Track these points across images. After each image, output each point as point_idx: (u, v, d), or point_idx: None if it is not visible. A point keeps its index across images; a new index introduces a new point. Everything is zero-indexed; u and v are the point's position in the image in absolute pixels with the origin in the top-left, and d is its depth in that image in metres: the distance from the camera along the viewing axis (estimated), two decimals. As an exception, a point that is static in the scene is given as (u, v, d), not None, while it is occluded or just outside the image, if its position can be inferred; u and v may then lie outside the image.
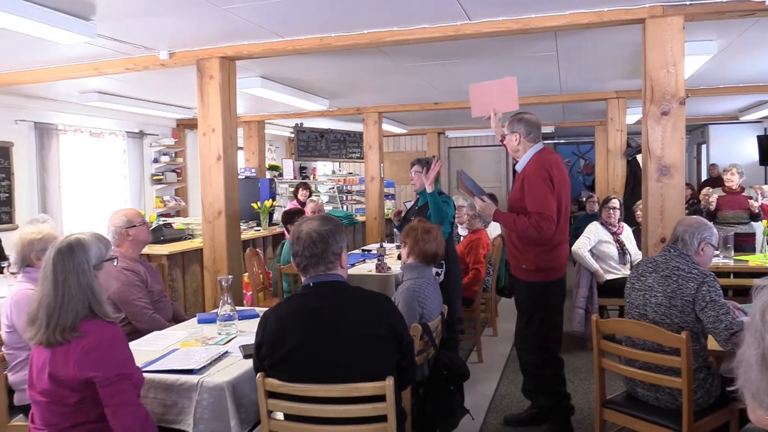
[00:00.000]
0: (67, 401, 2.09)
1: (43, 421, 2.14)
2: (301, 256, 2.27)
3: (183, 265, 6.45)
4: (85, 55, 4.96)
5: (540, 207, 3.37)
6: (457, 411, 2.98)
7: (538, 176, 3.42)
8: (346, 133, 10.53)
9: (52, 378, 2.07)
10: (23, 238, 3.12)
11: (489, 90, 3.93)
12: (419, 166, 4.59)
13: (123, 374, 2.10)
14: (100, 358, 2.07)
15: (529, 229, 3.38)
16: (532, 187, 3.43)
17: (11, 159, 7.05)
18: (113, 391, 2.08)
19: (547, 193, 3.39)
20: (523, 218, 3.41)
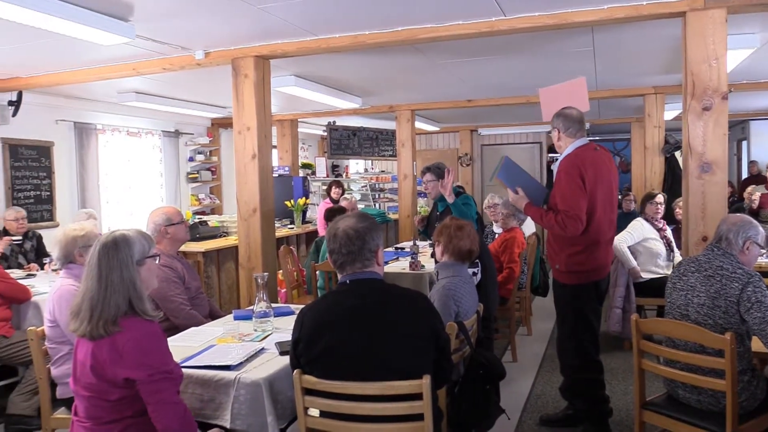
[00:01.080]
0: (109, 397, 2.12)
1: (86, 414, 2.18)
2: (338, 254, 2.27)
3: (218, 262, 6.53)
4: (123, 55, 5.05)
5: (566, 205, 3.32)
6: (492, 410, 2.95)
7: (567, 173, 3.37)
8: (379, 131, 10.53)
9: (94, 372, 2.11)
10: (66, 235, 3.19)
11: (558, 92, 3.85)
12: (431, 174, 4.39)
13: (161, 372, 2.12)
14: (138, 358, 2.09)
15: (554, 227, 3.33)
16: (560, 184, 3.38)
17: (52, 158, 7.22)
18: (152, 389, 2.10)
19: (575, 191, 3.32)
20: (551, 214, 3.36)
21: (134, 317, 2.17)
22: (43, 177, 7.13)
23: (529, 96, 7.81)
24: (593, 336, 3.58)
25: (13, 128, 6.66)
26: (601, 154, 3.53)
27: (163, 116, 8.67)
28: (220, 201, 9.91)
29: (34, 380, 4.03)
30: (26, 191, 6.91)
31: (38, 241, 6.22)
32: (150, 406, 2.11)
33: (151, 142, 8.74)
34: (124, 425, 2.14)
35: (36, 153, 7.03)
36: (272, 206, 5.01)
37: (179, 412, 2.15)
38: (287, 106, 8.59)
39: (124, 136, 8.26)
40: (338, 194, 8.34)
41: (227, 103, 8.14)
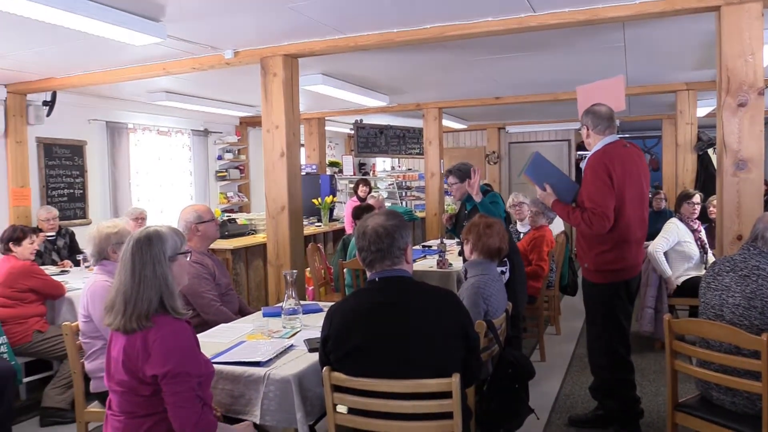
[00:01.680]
0: (141, 393, 2.15)
1: (120, 408, 2.21)
2: (367, 251, 2.27)
3: (246, 260, 6.59)
4: (153, 56, 5.12)
5: (592, 202, 3.28)
6: (521, 410, 2.93)
7: (593, 171, 3.32)
8: (406, 129, 10.52)
9: (126, 368, 2.13)
10: (100, 232, 3.24)
11: (596, 90, 3.79)
12: (454, 176, 4.34)
13: (182, 373, 2.12)
14: (162, 356, 2.11)
15: (581, 224, 3.29)
16: (587, 181, 3.34)
17: (85, 157, 7.36)
18: (170, 389, 2.11)
19: (601, 189, 3.27)
20: (577, 212, 3.32)
21: (165, 315, 2.19)
22: (76, 175, 7.26)
23: (558, 93, 7.74)
24: (623, 336, 3.53)
25: (48, 128, 6.80)
26: (630, 150, 3.47)
27: (193, 115, 8.78)
28: (248, 199, 10.00)
29: (68, 374, 4.12)
30: (60, 189, 7.05)
31: (71, 238, 6.35)
32: (168, 405, 2.13)
33: (180, 140, 8.85)
34: (156, 420, 2.17)
35: (69, 152, 7.17)
36: (300, 204, 5.04)
37: (193, 417, 2.13)
38: (314, 105, 8.63)
39: (154, 135, 8.38)
40: (365, 192, 8.36)
41: (255, 102, 8.22)
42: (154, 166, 8.38)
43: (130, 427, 2.18)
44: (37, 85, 6.11)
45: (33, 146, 6.72)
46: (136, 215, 6.26)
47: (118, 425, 2.21)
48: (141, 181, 8.14)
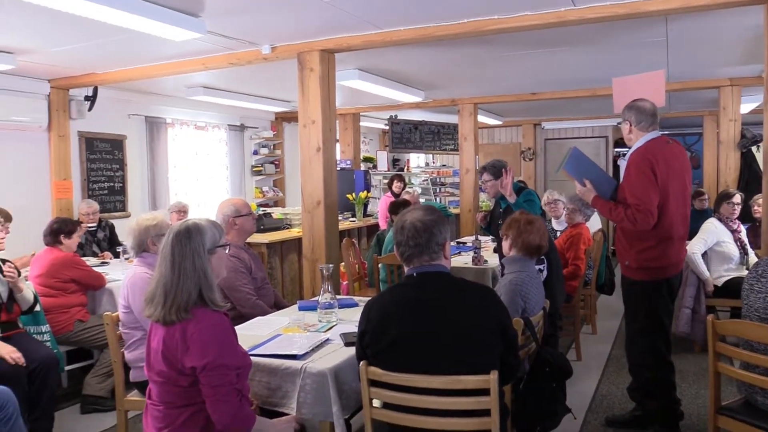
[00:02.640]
0: (180, 383, 2.18)
1: (159, 398, 2.24)
2: (405, 246, 2.26)
3: (281, 254, 6.64)
4: (192, 51, 5.18)
5: (636, 198, 3.21)
6: (558, 409, 2.90)
7: (637, 167, 3.26)
8: (440, 125, 10.47)
9: (165, 359, 2.17)
10: (140, 225, 3.30)
11: (633, 84, 3.71)
12: (488, 174, 4.29)
13: (220, 365, 2.15)
14: (201, 349, 2.13)
15: (624, 221, 3.23)
16: (631, 177, 3.27)
17: (125, 151, 7.49)
18: (209, 382, 2.14)
19: (645, 185, 3.20)
20: (620, 208, 3.25)
21: (203, 307, 2.21)
22: (116, 169, 7.40)
23: (596, 89, 7.61)
24: (665, 335, 3.46)
25: (89, 122, 6.94)
26: (673, 147, 3.40)
27: (229, 110, 8.87)
28: (283, 194, 10.07)
29: (107, 363, 4.21)
30: (100, 182, 7.19)
31: (111, 230, 6.48)
32: (206, 397, 2.16)
33: (217, 135, 8.95)
34: (194, 410, 2.20)
35: (110, 146, 7.31)
36: (336, 199, 5.05)
37: (231, 409, 2.17)
38: (350, 100, 8.65)
39: (191, 130, 8.49)
40: (400, 188, 8.35)
41: (291, 97, 8.28)
42: (191, 160, 8.50)
43: (169, 417, 2.21)
44: (79, 80, 6.24)
45: (75, 140, 6.87)
46: (179, 208, 6.39)
47: (157, 414, 2.24)
48: (178, 175, 8.26)
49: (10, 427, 2.85)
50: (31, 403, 3.52)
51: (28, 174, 6.38)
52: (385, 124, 10.77)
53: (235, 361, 2.21)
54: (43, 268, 4.33)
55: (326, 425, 2.54)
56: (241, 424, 2.22)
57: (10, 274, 3.68)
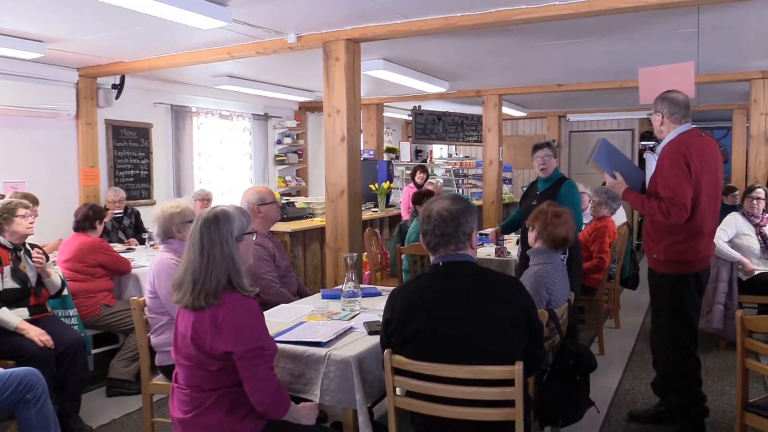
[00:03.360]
0: (208, 368, 2.21)
1: (186, 382, 2.27)
2: (431, 235, 2.26)
3: (304, 243, 6.67)
4: (218, 40, 5.20)
5: (670, 191, 3.15)
6: (582, 402, 2.87)
7: (671, 159, 3.19)
8: (464, 116, 10.41)
9: (194, 343, 2.19)
10: (165, 212, 3.33)
11: (661, 75, 3.63)
12: (550, 149, 4.39)
13: (256, 348, 2.18)
14: (235, 333, 2.16)
15: (656, 214, 3.17)
16: (665, 170, 3.20)
17: (150, 139, 7.57)
18: (247, 364, 2.17)
19: (680, 178, 3.15)
20: (653, 201, 3.20)
21: (233, 292, 2.23)
22: (142, 157, 7.48)
23: (623, 81, 7.51)
24: (692, 330, 3.41)
25: (116, 110, 7.02)
26: (706, 140, 3.33)
27: (253, 100, 8.90)
28: (305, 183, 10.10)
29: (133, 347, 4.27)
30: (126, 170, 7.27)
31: (136, 217, 6.56)
32: (245, 380, 2.18)
33: (241, 124, 9.00)
34: (221, 394, 2.22)
35: (136, 134, 7.38)
36: (359, 189, 5.06)
37: (272, 388, 2.21)
38: (373, 90, 8.63)
39: (216, 119, 8.54)
40: (422, 179, 8.33)
41: (315, 87, 8.29)
42: (215, 149, 8.56)
43: (196, 401, 2.24)
44: (107, 68, 6.30)
45: (102, 128, 6.95)
46: (203, 196, 6.45)
47: (184, 398, 2.27)
48: (203, 163, 8.33)
49: (40, 407, 2.91)
50: (59, 384, 3.59)
51: (56, 161, 6.48)
52: (408, 114, 10.74)
53: (267, 343, 2.24)
54: (71, 252, 4.39)
55: (349, 413, 2.55)
56: (280, 404, 2.25)
57: (39, 260, 3.74)
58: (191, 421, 2.24)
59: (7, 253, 3.63)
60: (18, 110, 5.88)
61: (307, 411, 2.40)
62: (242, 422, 2.23)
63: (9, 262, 3.62)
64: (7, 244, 3.64)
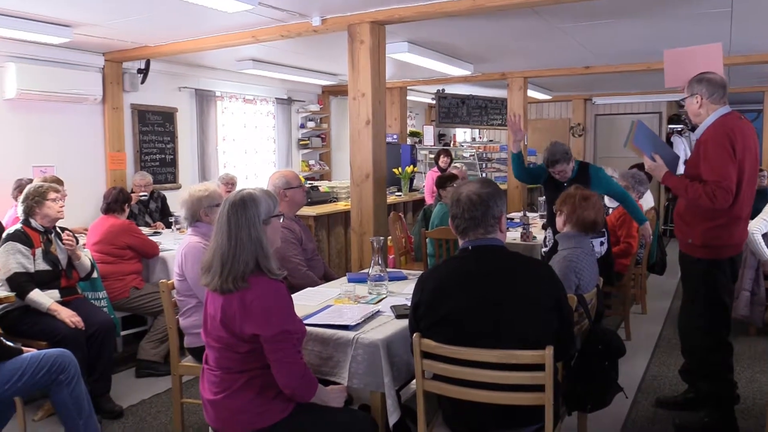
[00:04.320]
0: (238, 349, 2.22)
1: (216, 364, 2.29)
2: (461, 218, 2.24)
3: (328, 227, 6.69)
4: (243, 23, 5.20)
5: (716, 175, 3.06)
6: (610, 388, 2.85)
7: (716, 142, 3.10)
8: (488, 100, 10.32)
9: (224, 325, 2.21)
10: (192, 196, 3.35)
11: (687, 57, 3.51)
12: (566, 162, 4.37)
13: (284, 331, 2.19)
14: (263, 316, 2.17)
15: (701, 198, 3.08)
16: (709, 154, 3.11)
17: (175, 124, 7.61)
18: (274, 347, 2.18)
19: (726, 161, 3.06)
20: (697, 185, 3.11)
21: (261, 275, 2.24)
22: (167, 141, 7.53)
23: (651, 63, 7.37)
24: (725, 315, 3.35)
25: (141, 95, 7.07)
26: (746, 123, 3.25)
27: (277, 84, 8.91)
28: (329, 167, 10.11)
29: (161, 329, 4.33)
30: (152, 154, 7.33)
31: (162, 201, 6.63)
32: (272, 363, 2.20)
33: (265, 108, 9.01)
34: (251, 375, 2.24)
35: (161, 118, 7.43)
36: (384, 172, 5.03)
37: (298, 371, 2.22)
38: (397, 73, 8.58)
39: (240, 103, 8.57)
40: (446, 163, 8.29)
41: (338, 71, 8.26)
42: (239, 133, 8.59)
43: (226, 382, 2.26)
44: (132, 53, 6.34)
45: (128, 113, 7.00)
46: (227, 180, 6.49)
47: (214, 379, 2.29)
48: (227, 147, 8.37)
49: (73, 387, 2.96)
50: (90, 365, 3.65)
51: (84, 145, 6.55)
52: (432, 98, 10.68)
53: (295, 326, 2.25)
54: (101, 235, 4.45)
55: (377, 396, 2.56)
56: (307, 387, 2.27)
57: (69, 242, 3.79)
58: (221, 402, 2.27)
59: (38, 236, 3.69)
60: (46, 95, 5.94)
61: (336, 394, 2.41)
62: (272, 403, 2.25)
63: (40, 245, 3.68)
64: (38, 227, 3.70)
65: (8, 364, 2.85)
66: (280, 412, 2.25)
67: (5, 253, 3.55)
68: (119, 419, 3.71)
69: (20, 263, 3.53)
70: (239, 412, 2.24)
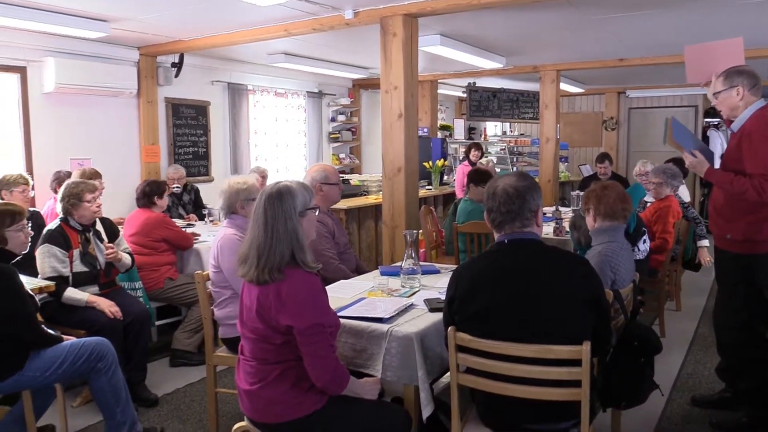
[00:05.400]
0: (273, 341, 2.24)
1: (252, 354, 2.32)
2: (496, 212, 2.22)
3: (359, 220, 6.71)
4: (274, 17, 5.23)
5: (763, 168, 2.99)
6: (645, 385, 2.81)
7: (761, 135, 3.02)
8: (519, 93, 10.23)
9: (260, 317, 2.23)
10: (231, 187, 3.38)
11: (709, 52, 3.45)
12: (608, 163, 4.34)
13: (317, 324, 2.19)
14: (297, 309, 2.18)
15: (748, 192, 3.01)
16: (754, 146, 3.03)
17: (208, 117, 7.70)
18: (307, 341, 2.19)
19: None
20: (743, 179, 3.04)
21: (296, 268, 2.25)
22: (200, 134, 7.62)
23: (689, 55, 7.20)
24: (765, 310, 3.28)
25: (175, 88, 7.16)
26: None
27: (308, 77, 8.95)
28: (359, 161, 10.13)
29: (195, 320, 4.39)
30: (185, 147, 7.43)
31: (196, 194, 6.71)
32: (304, 356, 2.21)
33: (296, 102, 9.06)
34: (286, 367, 2.26)
35: (194, 112, 7.52)
36: (416, 166, 5.02)
37: (330, 365, 2.23)
38: (428, 67, 8.55)
39: (271, 97, 8.62)
40: (477, 156, 8.25)
41: (369, 64, 8.25)
42: (271, 126, 8.65)
43: (261, 373, 2.28)
44: (166, 47, 6.42)
45: (162, 106, 7.11)
46: (259, 173, 6.54)
47: (250, 370, 2.32)
48: (259, 141, 8.43)
49: (111, 375, 3.02)
50: (126, 354, 3.72)
51: (119, 138, 6.67)
52: (462, 91, 10.62)
53: (329, 319, 2.26)
54: (137, 227, 4.53)
55: (410, 389, 2.56)
56: (339, 380, 2.28)
57: (112, 254, 3.83)
58: (257, 392, 2.29)
59: (76, 236, 3.73)
60: (83, 89, 6.05)
61: (370, 386, 2.42)
62: (306, 395, 2.26)
63: (78, 246, 3.72)
64: (76, 226, 3.75)
65: (49, 351, 2.92)
66: (314, 403, 2.27)
67: (41, 255, 3.61)
68: (155, 407, 3.78)
69: (53, 267, 3.58)
70: (274, 402, 2.26)
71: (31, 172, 5.72)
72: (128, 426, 3.08)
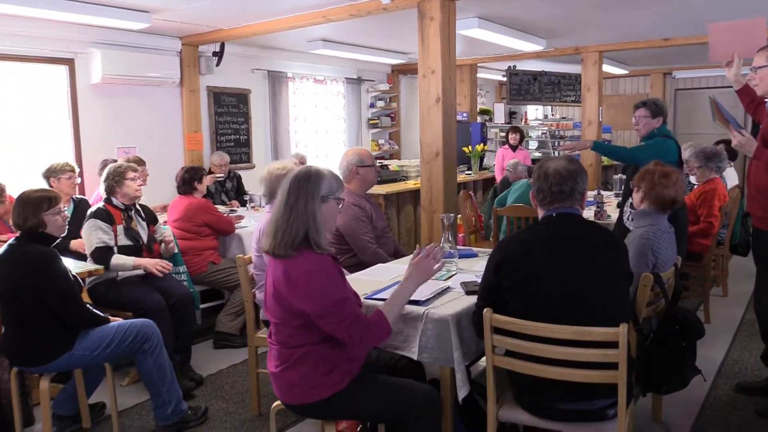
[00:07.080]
0: (291, 324, 2.28)
1: (276, 338, 2.37)
2: (547, 191, 2.33)
3: (398, 205, 6.73)
4: (313, 4, 5.25)
5: None
6: (687, 370, 2.78)
7: None
8: (561, 76, 10.05)
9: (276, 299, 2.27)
10: (270, 173, 3.45)
11: (733, 31, 3.40)
12: (646, 109, 4.19)
13: (334, 302, 2.21)
14: (308, 291, 2.20)
15: None
16: None
17: (249, 105, 7.79)
18: (325, 321, 2.21)
19: None
20: None
21: (308, 249, 2.26)
22: (242, 122, 7.73)
23: (738, 33, 6.97)
24: None
25: (216, 77, 7.27)
26: None
27: (347, 64, 8.96)
28: (398, 146, 10.13)
29: (237, 303, 4.49)
30: (227, 135, 7.55)
31: (238, 181, 6.83)
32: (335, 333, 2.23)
33: (335, 89, 9.10)
34: (305, 351, 2.29)
35: (235, 100, 7.62)
36: (455, 150, 5.00)
37: (363, 323, 2.24)
38: (467, 51, 8.47)
39: (311, 84, 8.67)
40: (516, 140, 8.16)
41: (407, 49, 8.23)
42: (310, 113, 8.71)
43: (283, 356, 2.33)
44: (207, 36, 6.51)
45: (204, 95, 7.22)
46: (298, 159, 6.63)
47: (275, 353, 2.38)
48: (299, 127, 8.51)
49: (156, 356, 3.13)
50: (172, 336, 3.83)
51: (163, 127, 6.81)
52: (502, 75, 10.49)
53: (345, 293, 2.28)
54: (180, 212, 4.65)
55: (446, 371, 2.57)
56: (376, 340, 2.32)
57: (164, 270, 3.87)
58: (280, 375, 2.34)
59: (119, 213, 3.86)
60: (128, 79, 6.20)
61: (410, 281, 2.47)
62: (326, 378, 2.28)
63: (122, 222, 3.85)
64: (119, 205, 3.88)
65: (97, 331, 3.04)
66: (334, 384, 2.29)
67: (88, 229, 3.74)
68: (199, 387, 3.90)
69: (100, 239, 3.71)
70: (295, 385, 2.31)
71: (80, 161, 5.91)
72: (174, 404, 3.19)
